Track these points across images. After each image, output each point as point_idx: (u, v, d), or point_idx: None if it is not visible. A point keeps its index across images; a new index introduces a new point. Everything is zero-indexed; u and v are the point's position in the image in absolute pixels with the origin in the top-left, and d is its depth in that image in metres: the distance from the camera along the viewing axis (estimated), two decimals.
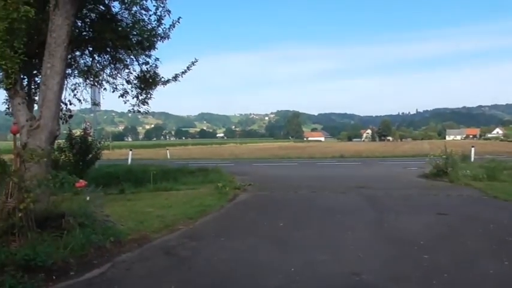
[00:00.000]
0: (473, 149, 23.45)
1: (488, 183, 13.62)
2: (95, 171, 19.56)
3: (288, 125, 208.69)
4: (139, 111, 12.33)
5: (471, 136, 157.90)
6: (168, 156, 36.82)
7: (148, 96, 12.23)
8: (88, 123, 24.03)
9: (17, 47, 7.22)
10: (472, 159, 21.79)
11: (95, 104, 13.55)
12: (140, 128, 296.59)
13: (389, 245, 6.39)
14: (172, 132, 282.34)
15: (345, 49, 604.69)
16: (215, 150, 65.00)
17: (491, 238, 6.72)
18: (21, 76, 10.61)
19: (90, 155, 14.75)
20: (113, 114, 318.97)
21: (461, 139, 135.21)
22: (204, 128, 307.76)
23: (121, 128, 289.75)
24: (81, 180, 6.34)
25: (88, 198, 6.60)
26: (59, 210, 6.25)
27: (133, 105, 12.32)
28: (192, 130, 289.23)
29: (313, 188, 13.60)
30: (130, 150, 28.03)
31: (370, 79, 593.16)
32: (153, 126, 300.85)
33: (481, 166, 17.01)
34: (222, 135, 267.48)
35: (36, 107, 9.50)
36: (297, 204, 10.80)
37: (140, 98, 12.21)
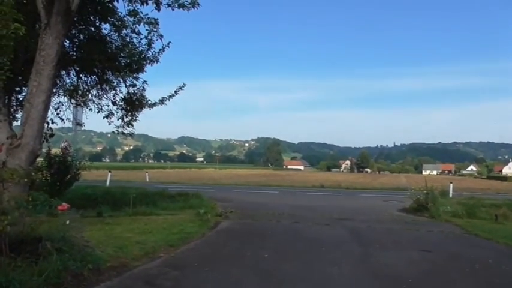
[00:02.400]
0: (451, 185, 23.86)
1: (468, 220, 13.79)
2: (72, 192, 18.99)
3: (268, 152, 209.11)
4: (123, 133, 12.13)
5: (446, 172, 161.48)
6: (147, 179, 36.22)
7: (134, 118, 12.07)
8: (67, 143, 23.53)
9: (3, 64, 7.03)
10: (451, 195, 22.13)
11: (78, 124, 13.27)
12: (119, 149, 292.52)
13: (377, 281, 6.29)
14: (151, 155, 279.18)
15: (327, 81, 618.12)
16: (195, 174, 64.41)
17: (479, 279, 6.69)
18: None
19: (69, 176, 14.31)
20: (92, 134, 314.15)
21: (437, 174, 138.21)
22: (184, 152, 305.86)
23: (99, 148, 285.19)
24: (64, 204, 6.08)
25: (68, 221, 6.31)
26: (36, 233, 5.94)
27: (118, 127, 12.12)
28: (171, 153, 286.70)
29: (296, 218, 13.47)
30: (110, 171, 27.45)
31: (350, 111, 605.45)
32: (132, 148, 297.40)
33: (460, 202, 17.27)
34: (201, 159, 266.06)
35: (15, 124, 9.24)
36: (280, 234, 10.63)
37: (125, 119, 12.04)
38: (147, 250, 7.74)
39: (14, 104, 10.93)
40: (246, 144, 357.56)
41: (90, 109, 11.80)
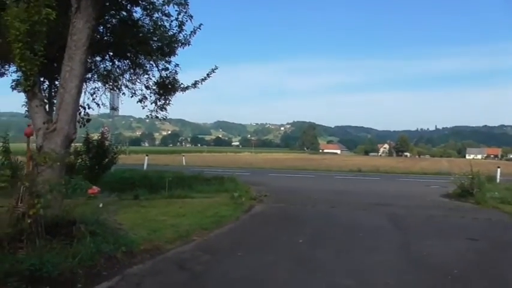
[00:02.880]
0: (498, 169, 22.60)
1: None
2: (110, 176, 19.48)
3: (304, 136, 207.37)
4: (157, 117, 12.16)
5: (492, 156, 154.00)
6: (184, 163, 36.71)
7: (167, 102, 12.06)
8: (106, 128, 24.12)
9: (37, 49, 7.08)
10: (498, 180, 20.98)
11: (113, 108, 13.44)
12: (157, 134, 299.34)
13: (419, 271, 5.91)
14: (188, 139, 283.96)
15: (364, 62, 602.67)
16: (230, 158, 64.81)
17: None
18: (42, 79, 10.58)
19: (107, 160, 14.60)
20: (131, 119, 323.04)
21: (482, 158, 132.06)
22: (220, 136, 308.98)
23: (138, 133, 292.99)
24: (94, 187, 6.11)
25: (101, 205, 6.33)
26: (70, 216, 5.98)
27: (151, 111, 12.16)
28: (207, 138, 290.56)
29: (332, 203, 13.14)
30: (147, 155, 27.97)
31: (389, 93, 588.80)
32: (169, 132, 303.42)
33: (508, 188, 16.28)
34: (237, 143, 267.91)
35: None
36: (316, 219, 10.37)
37: (158, 103, 12.06)
38: (180, 233, 7.71)
39: (54, 90, 11.14)
40: (282, 128, 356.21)
41: (124, 93, 11.90)
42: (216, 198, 13.35)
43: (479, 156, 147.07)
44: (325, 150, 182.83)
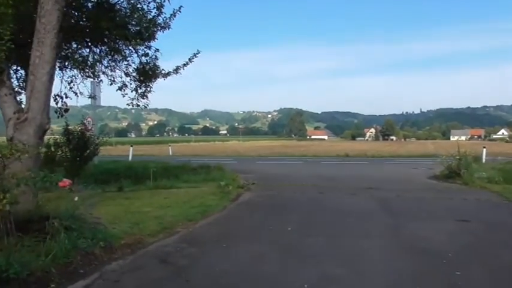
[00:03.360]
0: (484, 150, 22.67)
1: (505, 186, 12.88)
2: (95, 168, 19.03)
3: (291, 123, 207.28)
4: (138, 105, 11.64)
5: (476, 137, 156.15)
6: (170, 153, 36.26)
7: (148, 89, 11.55)
8: (89, 119, 23.50)
9: (3, 33, 6.59)
10: (484, 160, 21.04)
11: (92, 97, 12.89)
12: (143, 124, 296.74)
13: (413, 256, 5.69)
14: (176, 129, 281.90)
15: (349, 47, 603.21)
16: (218, 147, 64.43)
17: None
18: (15, 67, 10.03)
19: (88, 151, 14.09)
20: (116, 110, 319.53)
21: (466, 140, 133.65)
22: (207, 125, 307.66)
23: (124, 124, 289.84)
24: (65, 180, 5.70)
25: (76, 198, 5.95)
26: (43, 212, 5.60)
27: (132, 99, 11.64)
28: (195, 127, 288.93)
29: (320, 189, 12.94)
30: (131, 146, 27.42)
31: (374, 78, 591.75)
32: (156, 122, 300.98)
33: (495, 168, 16.30)
34: (225, 132, 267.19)
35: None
36: (304, 205, 10.13)
37: (139, 91, 11.53)
38: (164, 225, 7.39)
39: (22, 77, 10.57)
40: (269, 116, 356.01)
41: (101, 81, 11.36)
42: (202, 188, 13.05)
43: (463, 138, 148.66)
44: (312, 137, 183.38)
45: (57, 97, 11.22)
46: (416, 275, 4.93)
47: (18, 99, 8.03)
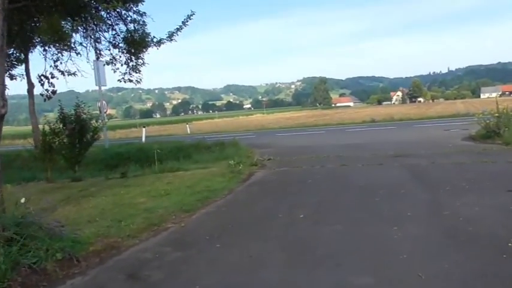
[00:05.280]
0: None
1: None
2: (104, 152, 18.20)
3: (315, 92, 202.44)
4: (130, 80, 10.43)
5: (507, 93, 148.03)
6: (188, 131, 35.26)
7: (140, 62, 10.28)
8: (103, 102, 22.53)
9: None
10: None
11: (70, 73, 11.56)
12: (168, 103, 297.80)
13: (461, 250, 4.24)
14: (200, 106, 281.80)
15: (368, 8, 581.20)
16: (241, 121, 63.14)
17: None
18: None
19: (89, 136, 13.05)
20: (140, 91, 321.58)
21: (497, 96, 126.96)
22: (231, 100, 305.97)
23: (149, 105, 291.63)
24: None
25: (23, 200, 4.76)
26: None
27: (124, 74, 10.43)
28: (218, 103, 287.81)
29: (343, 160, 11.48)
30: (144, 127, 26.48)
31: (398, 39, 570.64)
32: (180, 101, 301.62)
33: None
34: (249, 106, 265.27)
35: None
36: (323, 182, 8.74)
37: (130, 64, 10.28)
38: (152, 221, 6.19)
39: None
40: (293, 86, 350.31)
41: (78, 53, 10.10)
42: (212, 168, 11.83)
43: (494, 95, 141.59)
44: (337, 104, 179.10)
45: (42, 77, 10.14)
46: (471, 282, 3.51)
47: None
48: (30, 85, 12.95)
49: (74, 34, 9.34)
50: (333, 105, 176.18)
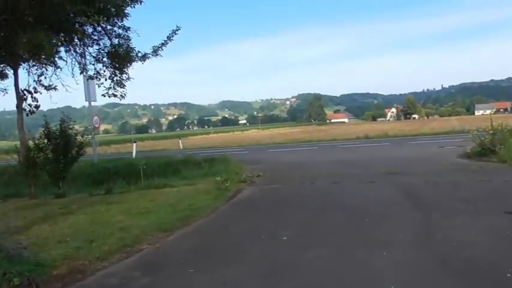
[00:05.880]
0: None
1: None
2: (92, 167, 17.79)
3: (310, 108, 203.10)
4: (114, 95, 10.11)
5: (502, 110, 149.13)
6: (181, 147, 34.86)
7: (125, 77, 9.99)
8: (95, 117, 22.19)
9: None
10: None
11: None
12: (163, 119, 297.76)
13: (455, 282, 3.86)
14: (195, 122, 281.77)
15: (363, 27, 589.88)
16: (236, 137, 62.97)
17: None
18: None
19: (73, 151, 12.66)
20: (136, 107, 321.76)
21: (491, 113, 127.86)
22: (226, 116, 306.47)
23: (144, 120, 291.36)
24: None
25: None
26: None
27: (108, 89, 10.12)
28: (214, 118, 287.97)
29: (334, 177, 11.14)
30: (135, 142, 26.13)
31: (393, 56, 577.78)
32: (175, 117, 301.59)
33: None
34: (244, 121, 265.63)
35: None
36: (312, 201, 8.39)
37: (115, 79, 9.99)
38: (126, 242, 5.80)
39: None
40: (287, 102, 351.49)
41: (59, 67, 9.81)
42: (199, 185, 11.48)
43: (488, 112, 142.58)
44: (332, 120, 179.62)
45: (25, 92, 9.85)
46: None
47: None
48: (19, 100, 12.65)
49: (57, 49, 9.05)
50: (328, 121, 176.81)
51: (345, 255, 4.79)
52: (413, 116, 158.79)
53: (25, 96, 9.63)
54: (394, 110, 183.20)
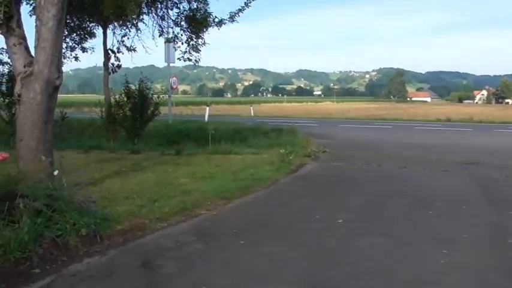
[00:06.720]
0: None
1: None
2: (167, 128, 18.77)
3: (391, 83, 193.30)
4: (189, 59, 10.37)
5: None
6: (252, 114, 35.26)
7: (200, 42, 10.16)
8: (174, 78, 23.16)
9: None
10: None
11: (131, 50, 11.70)
12: (239, 84, 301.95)
13: None
14: (270, 89, 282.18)
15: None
16: (309, 108, 62.08)
17: None
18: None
19: (149, 111, 13.33)
20: (214, 70, 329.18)
21: None
22: (302, 86, 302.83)
23: (221, 84, 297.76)
24: (1, 153, 4.53)
25: (56, 172, 4.79)
26: (8, 189, 4.53)
27: (184, 53, 10.39)
28: (289, 87, 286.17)
29: (403, 161, 10.62)
30: (208, 105, 26.82)
31: (488, 32, 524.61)
32: (251, 82, 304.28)
33: None
34: (319, 93, 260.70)
35: None
36: (375, 185, 8.10)
37: (191, 43, 10.20)
38: (186, 205, 6.04)
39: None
40: (367, 76, 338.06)
41: (139, 29, 10.18)
42: (264, 155, 11.56)
43: None
44: (413, 98, 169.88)
45: (109, 51, 10.47)
46: None
47: None
48: (106, 58, 13.54)
49: (139, 11, 9.39)
50: (409, 99, 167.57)
51: (401, 247, 4.57)
52: (507, 100, 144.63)
53: (109, 55, 10.18)
54: (484, 92, 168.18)
